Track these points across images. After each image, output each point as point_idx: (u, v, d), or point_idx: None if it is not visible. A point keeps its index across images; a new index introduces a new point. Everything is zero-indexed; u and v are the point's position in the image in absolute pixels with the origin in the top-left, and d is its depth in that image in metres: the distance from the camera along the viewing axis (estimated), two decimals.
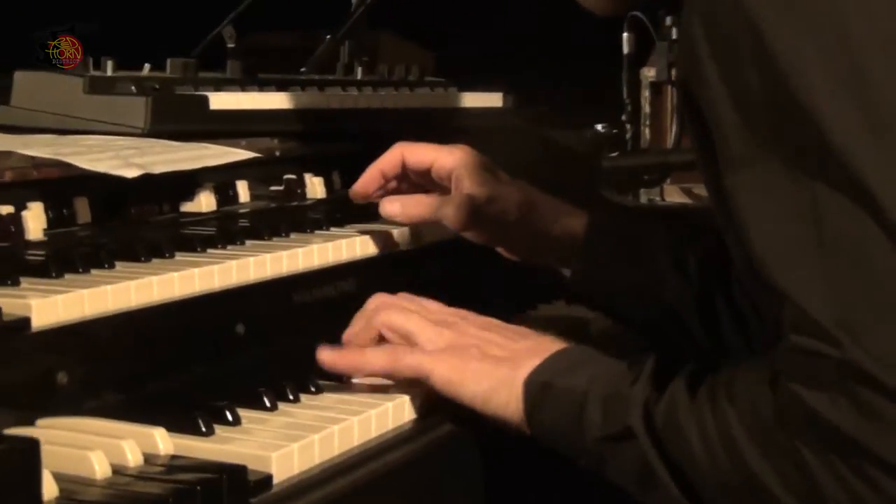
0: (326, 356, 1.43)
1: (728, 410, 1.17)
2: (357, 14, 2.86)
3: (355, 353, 1.45)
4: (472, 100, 2.46)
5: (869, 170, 1.06)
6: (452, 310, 1.51)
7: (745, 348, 1.67)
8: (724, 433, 1.17)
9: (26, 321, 1.21)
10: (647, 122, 3.05)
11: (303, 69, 2.63)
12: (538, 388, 1.34)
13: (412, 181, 1.85)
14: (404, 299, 1.52)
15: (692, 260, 1.73)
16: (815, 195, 1.09)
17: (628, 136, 3.19)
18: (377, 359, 1.43)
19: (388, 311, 1.48)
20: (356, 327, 1.50)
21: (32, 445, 0.96)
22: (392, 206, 1.78)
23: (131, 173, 1.58)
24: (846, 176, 1.07)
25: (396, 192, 1.85)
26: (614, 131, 3.05)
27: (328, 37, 2.75)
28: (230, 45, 4.06)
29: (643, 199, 3.10)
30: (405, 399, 1.40)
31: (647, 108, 3.05)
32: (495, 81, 2.65)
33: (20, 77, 2.04)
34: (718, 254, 1.63)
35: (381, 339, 1.47)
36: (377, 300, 1.52)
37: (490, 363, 1.39)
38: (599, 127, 3.03)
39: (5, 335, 1.19)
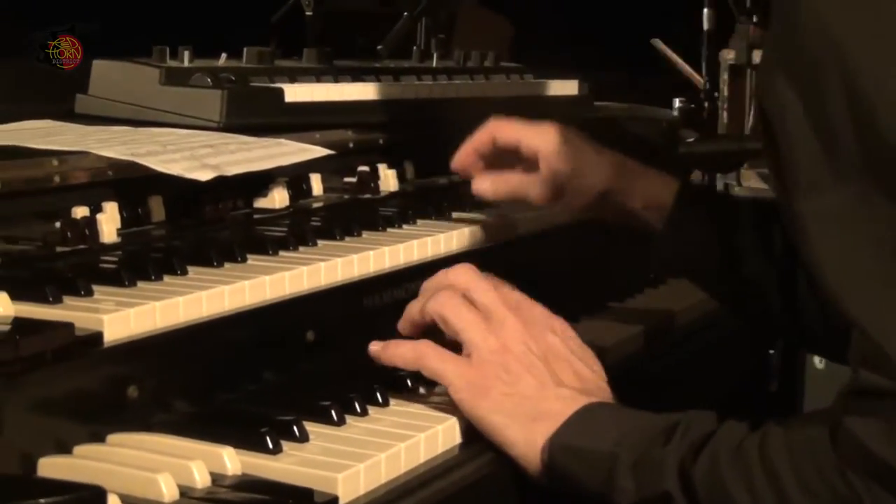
0: (373, 348, 1.43)
1: (778, 460, 1.15)
2: None
3: (393, 345, 1.43)
4: (548, 88, 2.44)
5: None
6: (519, 306, 1.45)
7: (825, 326, 1.65)
8: (774, 483, 1.15)
9: (99, 336, 1.22)
10: (725, 106, 3.01)
11: (379, 47, 2.63)
12: (560, 449, 1.30)
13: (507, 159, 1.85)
14: (479, 280, 1.46)
15: (777, 237, 1.71)
16: None
17: (705, 114, 3.16)
18: (407, 353, 1.41)
19: (444, 301, 1.43)
20: (416, 305, 1.48)
21: (99, 494, 0.97)
22: (483, 185, 1.81)
23: (205, 176, 1.58)
24: None
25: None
26: (692, 106, 3.02)
27: (405, 14, 2.74)
28: (308, 13, 4.07)
29: (719, 183, 3.06)
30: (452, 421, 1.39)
31: (725, 92, 3.00)
32: (570, 62, 2.63)
33: (98, 66, 2.07)
34: None
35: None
36: (445, 276, 1.49)
37: (514, 399, 1.34)
38: (678, 102, 3.00)
39: (78, 350, 1.20)
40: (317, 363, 1.49)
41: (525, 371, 1.36)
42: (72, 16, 2.23)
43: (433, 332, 1.46)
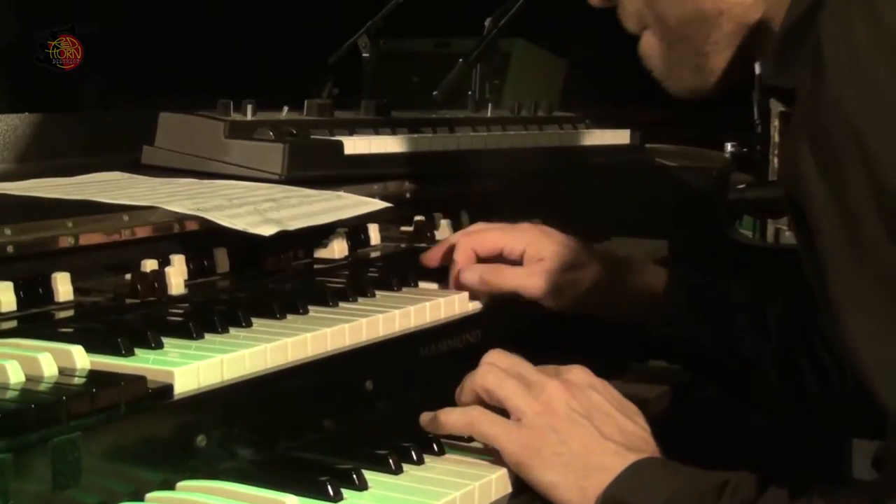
0: (424, 419, 1.49)
1: None
2: (488, 38, 2.92)
3: (442, 416, 1.48)
4: (600, 137, 2.50)
5: None
6: (556, 372, 1.50)
7: (823, 398, 1.70)
8: None
9: (169, 388, 1.29)
10: (776, 152, 3.05)
11: (435, 93, 2.70)
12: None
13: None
14: (509, 360, 1.52)
15: (771, 316, 1.77)
16: None
17: (757, 156, 3.20)
18: (457, 421, 1.46)
19: (485, 374, 1.50)
20: (462, 386, 1.54)
21: None
22: (471, 276, 1.79)
23: (269, 231, 1.65)
24: None
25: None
26: (744, 150, 3.07)
27: (460, 60, 2.81)
28: (365, 55, 4.15)
29: (770, 228, 3.10)
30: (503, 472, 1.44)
31: (776, 138, 3.04)
32: (621, 101, 2.67)
33: (164, 118, 2.15)
34: (801, 308, 1.67)
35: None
36: (485, 360, 1.54)
37: (565, 458, 1.40)
38: (730, 146, 3.05)
39: (150, 402, 1.27)
40: (375, 412, 1.55)
41: (571, 429, 1.41)
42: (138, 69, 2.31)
43: None
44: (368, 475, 1.34)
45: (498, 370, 1.48)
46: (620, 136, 2.52)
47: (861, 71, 1.15)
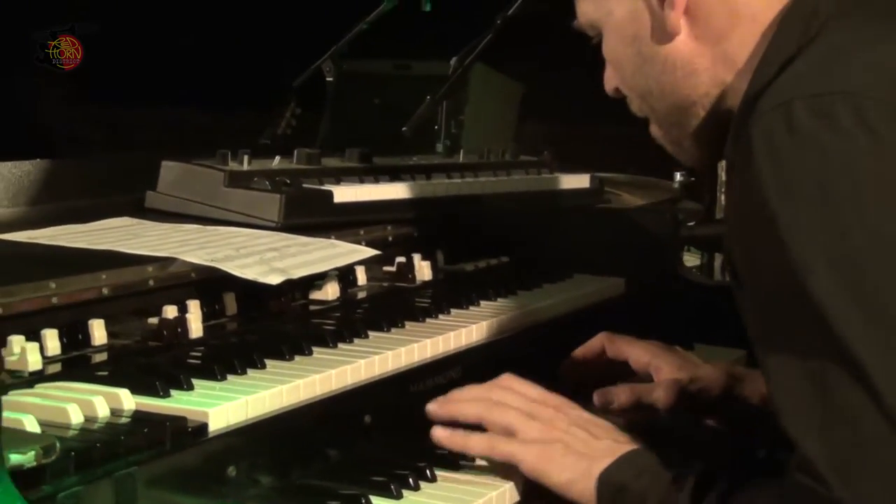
0: (440, 434, 1.72)
1: None
2: (455, 76, 3.14)
3: (462, 436, 1.73)
4: (562, 182, 2.72)
5: (867, 358, 1.32)
6: (550, 398, 1.77)
7: None
8: None
9: (205, 426, 1.50)
10: (723, 190, 3.28)
11: (404, 129, 2.92)
12: (610, 487, 1.62)
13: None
14: (511, 389, 1.78)
15: None
16: (824, 371, 1.35)
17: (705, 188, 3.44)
18: (478, 445, 1.72)
19: (489, 406, 1.75)
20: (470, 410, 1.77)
21: None
22: (606, 397, 2.00)
23: (276, 280, 1.86)
24: (850, 360, 1.32)
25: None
26: (692, 179, 3.30)
27: (427, 97, 3.02)
28: (329, 79, 4.38)
29: (717, 261, 3.35)
30: (508, 486, 1.67)
31: (722, 176, 3.28)
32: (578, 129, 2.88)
33: (166, 166, 2.35)
34: None
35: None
36: (492, 386, 1.80)
37: (572, 458, 1.67)
38: (679, 175, 3.28)
39: (190, 439, 1.47)
40: (373, 443, 1.76)
41: (572, 438, 1.69)
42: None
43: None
44: (374, 500, 1.55)
45: (496, 404, 1.74)
46: (582, 181, 2.74)
47: (777, 164, 1.39)
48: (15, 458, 1.23)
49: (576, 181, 2.74)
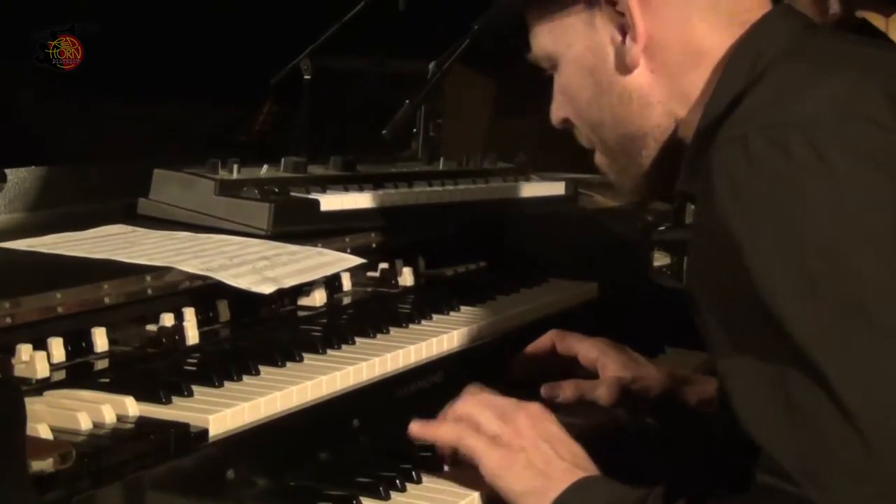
0: (414, 427, 1.82)
1: None
2: (433, 82, 3.23)
3: (433, 427, 1.82)
4: (538, 189, 2.82)
5: (825, 364, 1.42)
6: (526, 406, 1.83)
7: None
8: None
9: (205, 432, 1.59)
10: None
11: (384, 132, 3.02)
12: None
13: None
14: (481, 397, 1.86)
15: None
16: (786, 377, 1.45)
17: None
18: (447, 433, 1.80)
19: (466, 403, 1.84)
20: (446, 412, 1.86)
21: None
22: (553, 391, 2.11)
23: (268, 289, 1.96)
24: (810, 366, 1.43)
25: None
26: None
27: (406, 101, 3.12)
28: (306, 77, 4.47)
29: (686, 265, 3.45)
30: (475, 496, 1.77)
31: None
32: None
33: (158, 174, 2.44)
34: None
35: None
36: (466, 392, 1.88)
37: (531, 472, 1.72)
38: None
39: (193, 444, 1.57)
40: (361, 445, 1.86)
41: (536, 450, 1.75)
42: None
43: None
44: (364, 500, 1.65)
45: (477, 400, 1.81)
46: (557, 188, 2.84)
47: (738, 195, 1.49)
48: (36, 465, 1.32)
49: (551, 188, 2.84)
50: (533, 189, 2.81)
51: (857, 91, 1.53)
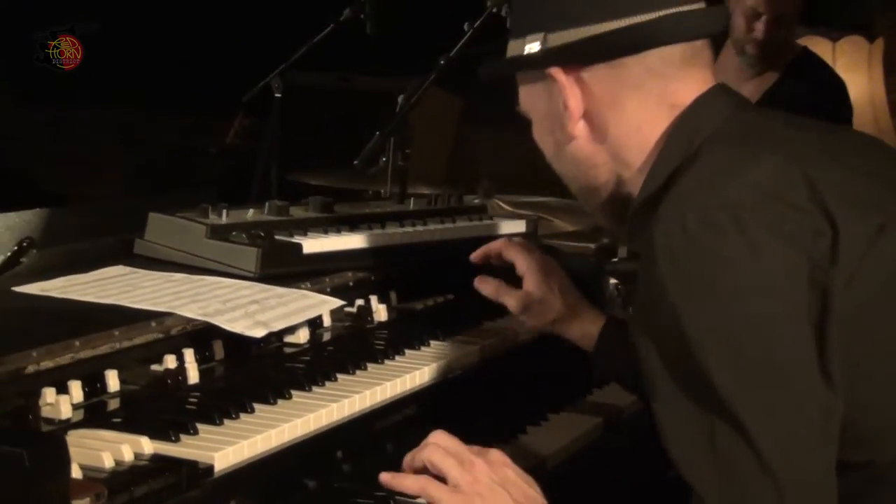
0: (385, 477, 2.00)
1: None
2: (402, 114, 3.47)
3: (399, 477, 1.99)
4: (501, 227, 3.06)
5: (746, 419, 1.66)
6: (482, 452, 1.99)
7: None
8: None
9: (212, 468, 1.82)
10: None
11: (355, 162, 3.27)
12: None
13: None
14: (449, 441, 2.01)
15: None
16: (713, 426, 1.70)
17: None
18: (412, 484, 1.97)
19: (430, 451, 1.99)
20: (410, 458, 2.04)
21: None
22: (481, 283, 2.50)
23: (259, 333, 2.19)
24: (733, 420, 1.68)
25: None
26: None
27: (377, 133, 3.35)
28: (277, 95, 4.71)
29: None
30: None
31: None
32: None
33: (153, 217, 2.66)
34: None
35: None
36: (429, 439, 2.05)
37: None
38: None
39: (201, 479, 1.79)
40: (345, 475, 2.09)
41: (492, 495, 1.94)
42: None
43: None
44: None
45: (440, 449, 2.02)
46: (519, 226, 3.09)
47: (676, 265, 1.74)
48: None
49: (513, 226, 3.08)
50: (496, 228, 3.05)
51: (780, 176, 1.78)
